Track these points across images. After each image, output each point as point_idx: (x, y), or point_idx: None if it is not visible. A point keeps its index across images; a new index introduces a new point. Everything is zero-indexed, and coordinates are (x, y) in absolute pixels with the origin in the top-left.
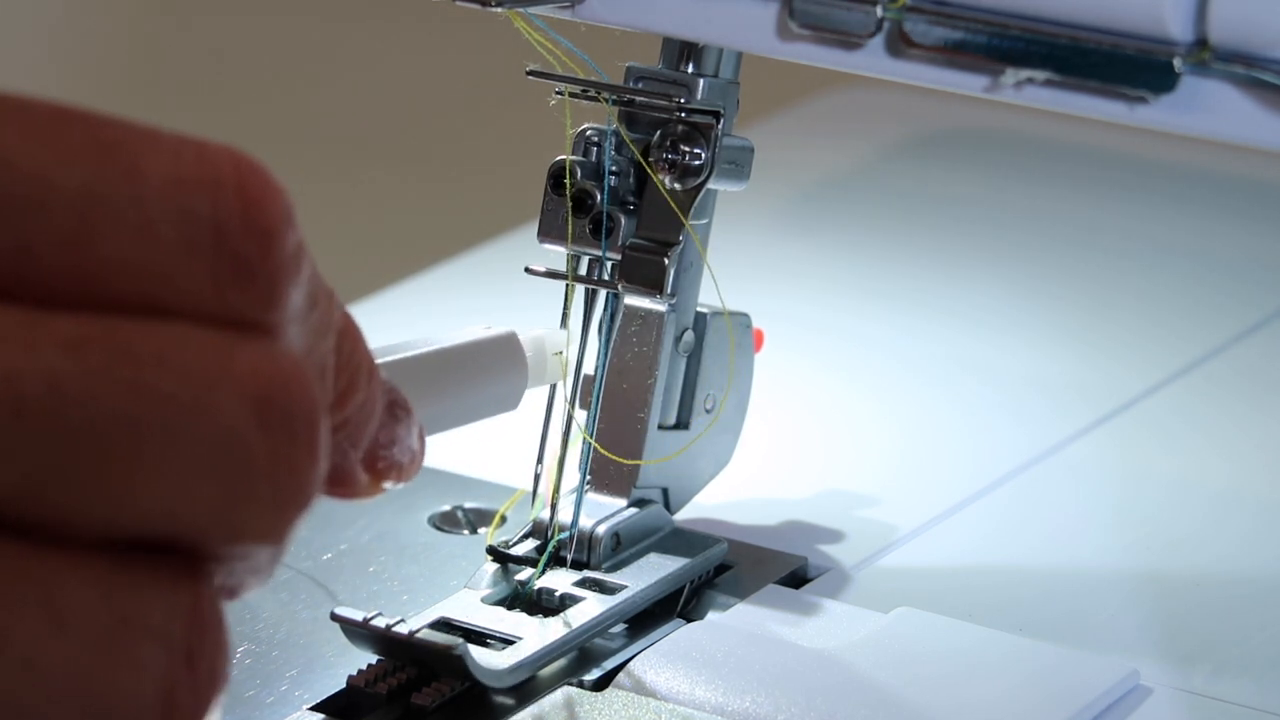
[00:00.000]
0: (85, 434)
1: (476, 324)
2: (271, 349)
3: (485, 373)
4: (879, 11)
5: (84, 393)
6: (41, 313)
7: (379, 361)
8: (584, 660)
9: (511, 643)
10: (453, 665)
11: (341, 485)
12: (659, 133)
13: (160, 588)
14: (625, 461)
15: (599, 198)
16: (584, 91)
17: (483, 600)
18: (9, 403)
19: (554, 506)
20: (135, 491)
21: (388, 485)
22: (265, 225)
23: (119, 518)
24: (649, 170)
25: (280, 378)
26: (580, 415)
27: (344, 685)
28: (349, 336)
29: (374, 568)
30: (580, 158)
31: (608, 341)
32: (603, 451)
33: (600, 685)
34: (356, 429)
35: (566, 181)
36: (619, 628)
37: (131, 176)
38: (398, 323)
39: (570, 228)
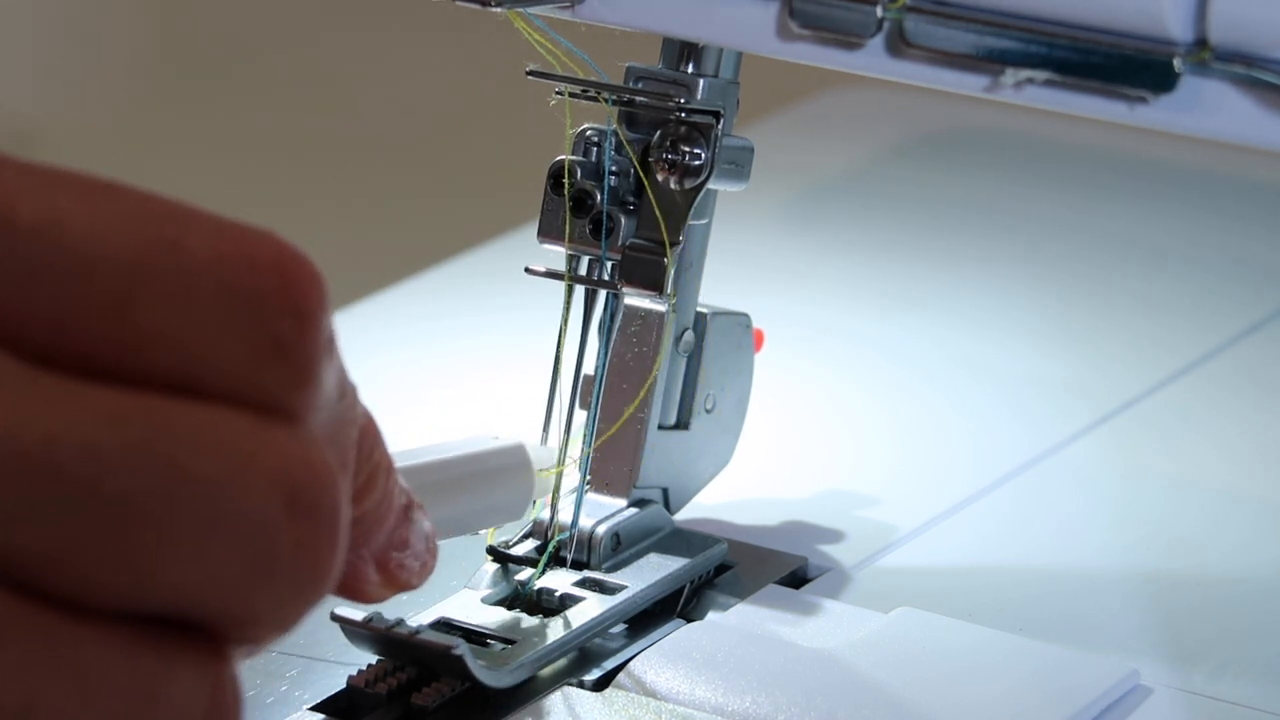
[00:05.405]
0: (118, 504)
1: (485, 434)
2: (301, 436)
3: (494, 482)
4: (879, 11)
5: (120, 465)
6: (82, 382)
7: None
8: (584, 660)
9: (511, 643)
10: (452, 665)
11: (351, 583)
12: (659, 133)
13: (184, 664)
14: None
15: (599, 198)
16: (584, 91)
17: (483, 600)
18: (47, 467)
19: (554, 506)
20: (159, 566)
21: (396, 589)
22: (302, 306)
23: (141, 591)
24: (644, 181)
25: (309, 466)
26: (580, 415)
27: (344, 685)
28: (369, 434)
29: None
30: (580, 158)
31: (608, 341)
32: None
33: (600, 685)
34: (371, 527)
35: (566, 181)
36: (619, 628)
37: (175, 249)
38: (398, 323)
39: (570, 227)
